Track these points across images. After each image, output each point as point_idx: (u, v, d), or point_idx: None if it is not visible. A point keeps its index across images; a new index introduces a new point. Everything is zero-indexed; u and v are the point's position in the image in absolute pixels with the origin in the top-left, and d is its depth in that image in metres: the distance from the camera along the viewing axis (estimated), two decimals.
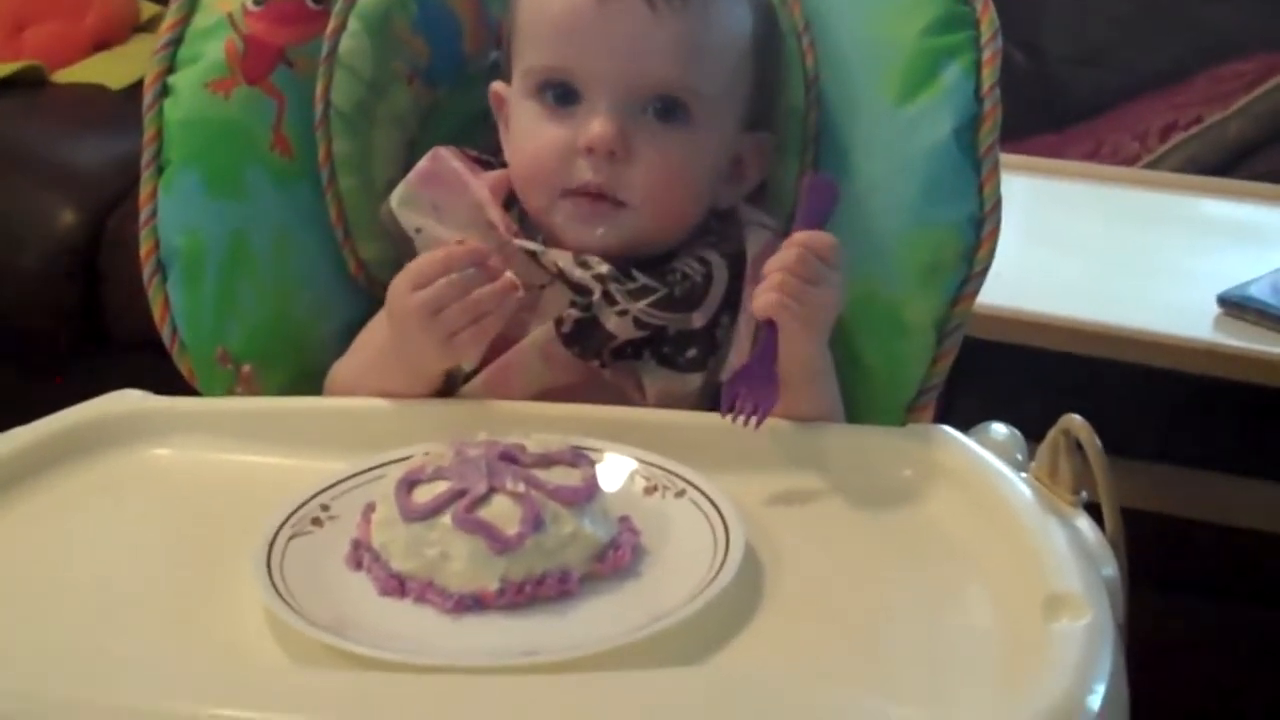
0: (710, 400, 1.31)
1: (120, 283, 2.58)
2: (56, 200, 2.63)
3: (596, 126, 1.30)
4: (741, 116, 1.38)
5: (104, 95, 2.93)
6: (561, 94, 1.33)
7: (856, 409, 1.34)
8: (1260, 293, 1.92)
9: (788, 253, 1.24)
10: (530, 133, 1.34)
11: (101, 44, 3.07)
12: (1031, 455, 1.28)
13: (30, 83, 2.96)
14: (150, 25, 3.16)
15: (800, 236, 1.25)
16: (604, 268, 1.32)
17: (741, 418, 1.22)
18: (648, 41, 1.31)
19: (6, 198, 2.65)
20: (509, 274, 1.25)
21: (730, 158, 1.38)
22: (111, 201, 2.62)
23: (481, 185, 1.38)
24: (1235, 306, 1.91)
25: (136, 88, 2.82)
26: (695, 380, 1.34)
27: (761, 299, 1.24)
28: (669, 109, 1.33)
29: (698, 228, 1.37)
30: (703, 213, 1.37)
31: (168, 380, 1.39)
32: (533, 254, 1.33)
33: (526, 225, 1.37)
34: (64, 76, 2.99)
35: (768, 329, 1.25)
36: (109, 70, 2.99)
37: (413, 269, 1.27)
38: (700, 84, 1.33)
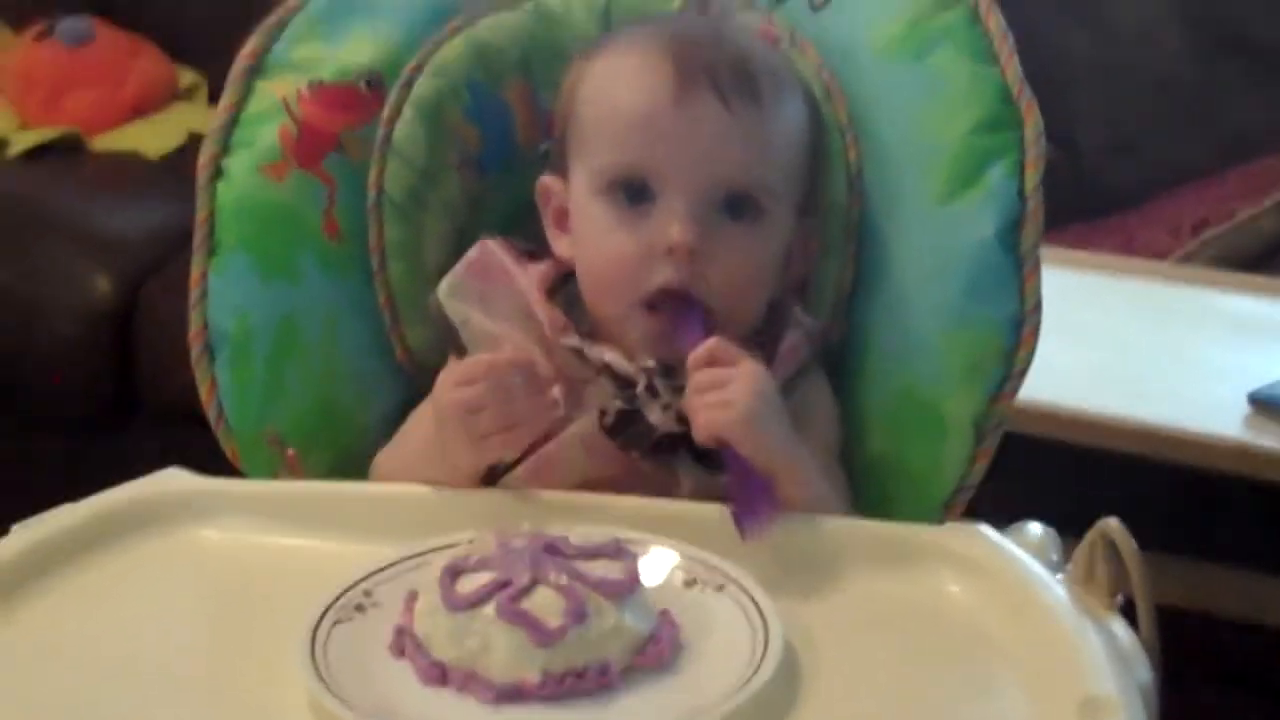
0: None
1: (153, 351, 2.60)
2: (91, 267, 2.66)
3: (677, 228, 1.30)
4: (797, 209, 1.39)
5: (141, 163, 2.97)
6: (634, 192, 1.33)
7: (894, 506, 1.35)
8: None
9: (691, 381, 1.26)
10: (603, 235, 1.34)
11: (140, 111, 3.10)
12: (1061, 549, 1.29)
13: (68, 148, 3.00)
14: (188, 94, 3.19)
15: (692, 360, 1.27)
16: (650, 361, 1.32)
17: (755, 530, 1.23)
18: (723, 140, 1.32)
19: (42, 263, 2.68)
20: (554, 391, 1.27)
21: (786, 251, 1.39)
22: (146, 270, 2.65)
23: (529, 279, 1.39)
24: (1266, 405, 1.92)
25: (173, 156, 2.92)
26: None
27: (698, 428, 1.26)
28: (741, 206, 1.33)
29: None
30: (763, 309, 1.38)
31: (199, 450, 1.40)
32: (578, 350, 1.34)
33: (574, 315, 1.38)
34: (102, 143, 3.03)
35: (727, 451, 1.25)
36: (146, 138, 3.02)
37: (461, 367, 1.30)
38: (770, 181, 1.35)
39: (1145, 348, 2.12)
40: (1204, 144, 2.74)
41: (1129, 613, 1.21)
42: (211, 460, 1.37)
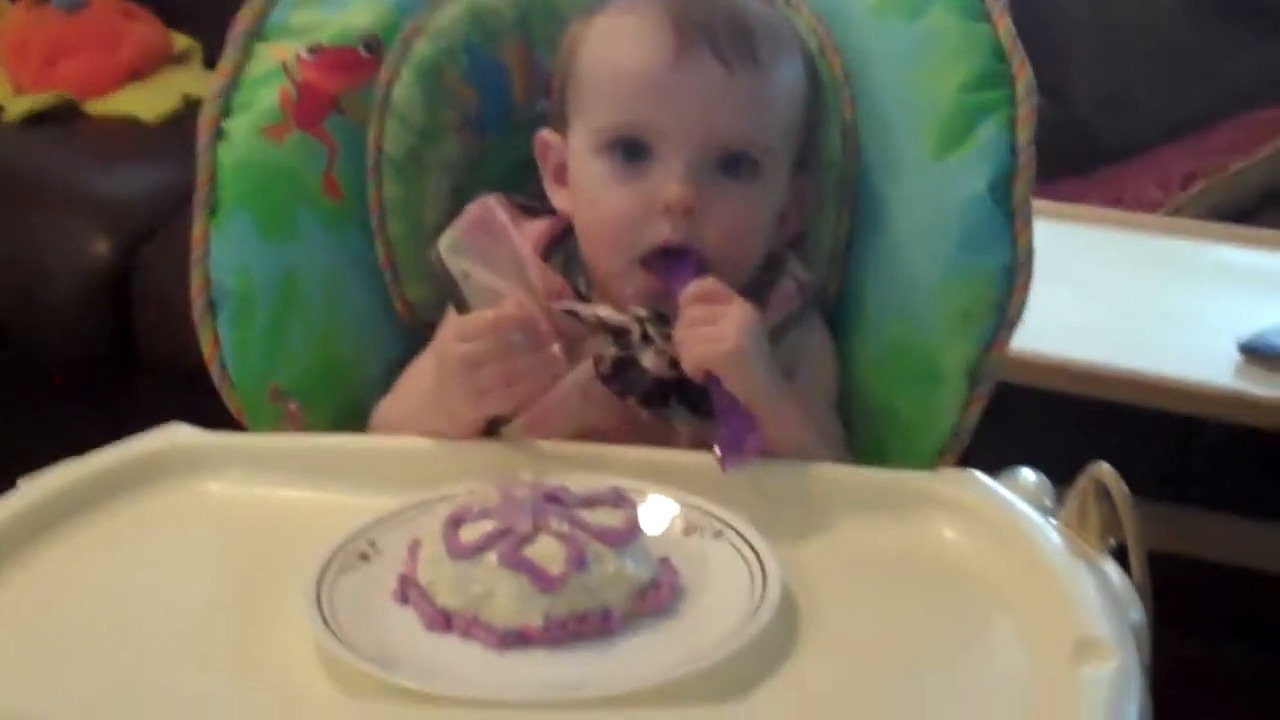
0: None
1: (151, 312, 2.62)
2: (89, 230, 2.67)
3: (674, 186, 1.32)
4: (793, 165, 1.41)
5: (136, 127, 2.97)
6: (632, 150, 1.35)
7: (889, 453, 1.37)
8: None
9: (692, 313, 1.29)
10: (602, 192, 1.36)
11: (134, 76, 3.10)
12: (1054, 495, 1.31)
13: (63, 114, 3.01)
14: (182, 58, 3.19)
15: (684, 296, 1.29)
16: (642, 311, 1.34)
17: (738, 461, 1.25)
18: (721, 99, 1.34)
19: (40, 227, 2.69)
20: (555, 348, 1.29)
21: (781, 206, 1.41)
22: (143, 232, 2.66)
23: (524, 241, 1.41)
24: (1255, 353, 1.93)
25: (169, 119, 2.93)
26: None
27: (688, 360, 1.28)
28: (737, 163, 1.35)
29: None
30: (760, 261, 1.40)
31: (198, 408, 1.41)
32: (572, 313, 1.36)
33: (570, 272, 1.40)
34: (97, 108, 3.03)
35: (713, 384, 1.28)
36: (141, 102, 3.02)
37: (464, 321, 1.31)
38: (766, 139, 1.36)
39: (1137, 298, 2.13)
40: (1196, 99, 2.74)
41: (1121, 557, 1.23)
42: (212, 419, 1.38)
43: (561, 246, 1.42)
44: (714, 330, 1.28)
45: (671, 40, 1.34)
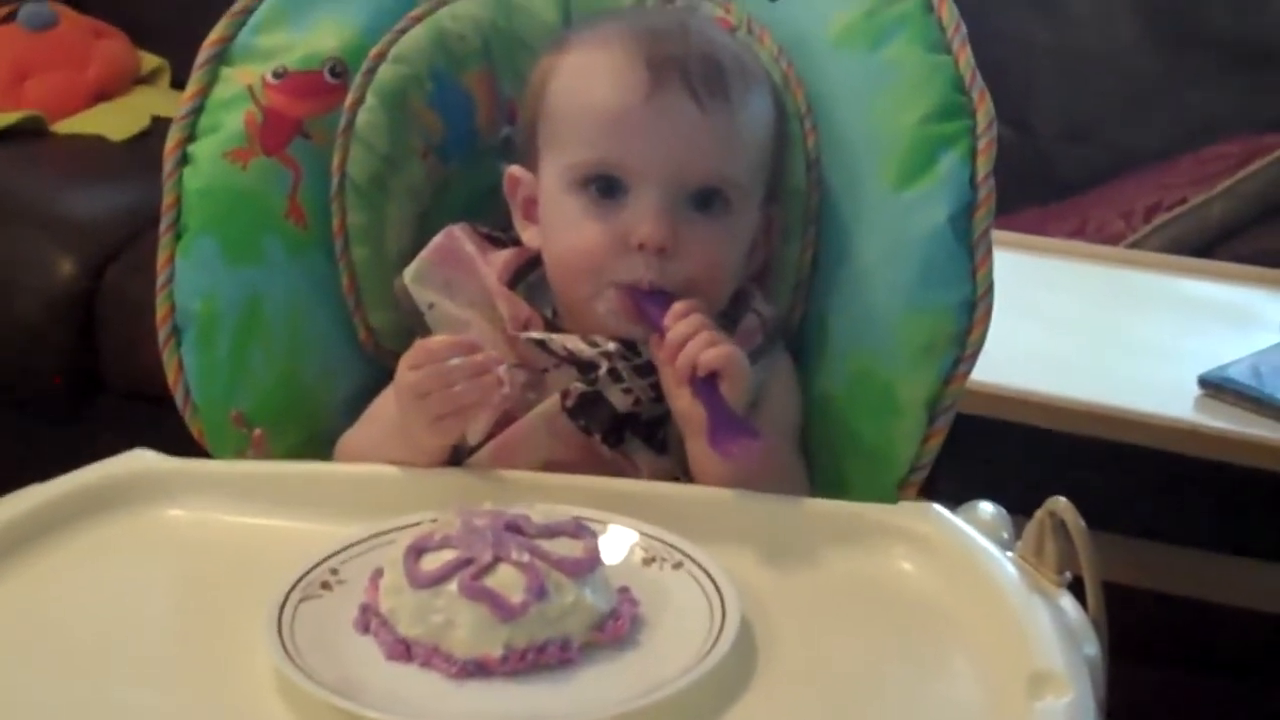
0: (687, 479, 1.35)
1: (117, 332, 2.61)
2: (55, 250, 2.66)
3: (648, 224, 1.33)
4: (763, 199, 1.41)
5: (104, 146, 2.97)
6: (606, 187, 1.35)
7: (849, 485, 1.37)
8: (1240, 375, 1.95)
9: (688, 322, 1.30)
10: (574, 229, 1.36)
11: (102, 95, 3.10)
12: (1014, 529, 1.32)
13: (31, 133, 3.00)
14: (151, 78, 3.20)
15: (671, 314, 1.31)
16: (611, 345, 1.35)
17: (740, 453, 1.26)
18: (694, 137, 1.34)
19: (6, 247, 2.68)
20: (500, 370, 1.28)
21: (752, 240, 1.41)
22: (110, 252, 2.65)
23: (490, 271, 1.41)
24: (1215, 388, 1.94)
25: (136, 139, 2.92)
26: (669, 460, 1.37)
27: (708, 354, 1.28)
28: (710, 200, 1.36)
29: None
30: (729, 297, 1.40)
31: (162, 430, 1.42)
32: (540, 342, 1.36)
33: (536, 299, 1.41)
34: (65, 127, 3.03)
35: (705, 386, 1.28)
36: (109, 121, 3.02)
37: (413, 350, 1.31)
38: (738, 175, 1.37)
39: (1097, 331, 2.14)
40: (1158, 130, 2.76)
41: (1079, 590, 1.24)
42: (175, 441, 1.39)
43: (526, 278, 1.42)
44: (712, 335, 1.29)
45: (645, 76, 1.34)
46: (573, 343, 1.36)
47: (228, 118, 1.45)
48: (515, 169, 1.44)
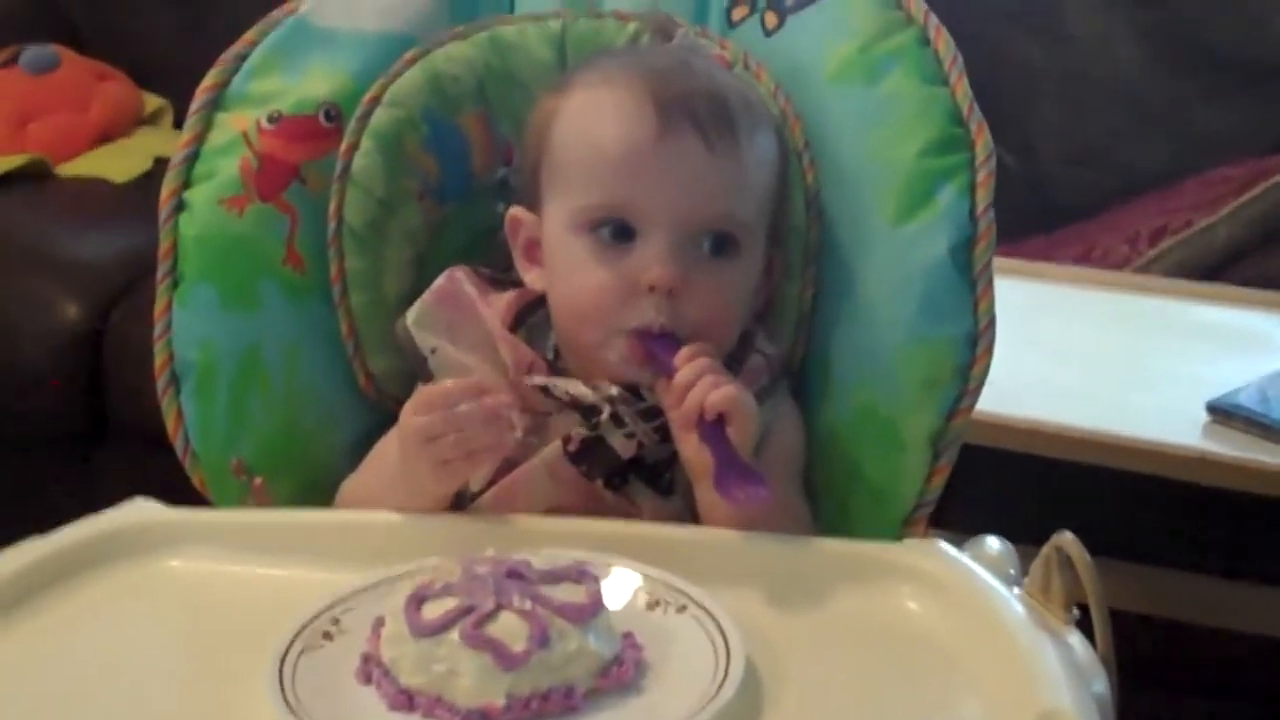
0: (696, 522, 1.34)
1: (122, 375, 2.61)
2: (60, 293, 2.66)
3: (658, 268, 1.32)
4: (769, 239, 1.41)
5: (107, 188, 2.97)
6: (616, 231, 1.34)
7: (854, 522, 1.37)
8: (1248, 400, 1.94)
9: (697, 364, 1.29)
10: (582, 272, 1.35)
11: (105, 137, 3.11)
12: (1021, 560, 1.31)
13: (35, 176, 3.00)
14: (153, 119, 3.21)
15: (680, 357, 1.30)
16: (614, 390, 1.34)
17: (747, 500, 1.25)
18: (704, 179, 1.33)
19: (9, 290, 2.68)
20: (512, 416, 1.28)
21: (759, 280, 1.41)
22: (114, 295, 2.65)
23: (493, 314, 1.40)
24: (1223, 414, 1.93)
25: (140, 181, 2.92)
26: (677, 502, 1.36)
27: (714, 397, 1.27)
28: (719, 242, 1.35)
29: None
30: (737, 338, 1.40)
31: (168, 473, 1.42)
32: (544, 388, 1.36)
33: (538, 342, 1.40)
34: (68, 170, 3.03)
35: (712, 430, 1.28)
36: (113, 164, 3.03)
37: (421, 394, 1.31)
38: (746, 215, 1.36)
39: (1104, 358, 2.13)
40: (1161, 154, 2.76)
41: (1088, 623, 1.23)
42: (180, 484, 1.39)
43: (529, 321, 1.42)
44: (718, 378, 1.28)
45: (654, 117, 1.33)
46: (575, 388, 1.35)
47: (223, 164, 1.44)
48: (517, 210, 1.43)
